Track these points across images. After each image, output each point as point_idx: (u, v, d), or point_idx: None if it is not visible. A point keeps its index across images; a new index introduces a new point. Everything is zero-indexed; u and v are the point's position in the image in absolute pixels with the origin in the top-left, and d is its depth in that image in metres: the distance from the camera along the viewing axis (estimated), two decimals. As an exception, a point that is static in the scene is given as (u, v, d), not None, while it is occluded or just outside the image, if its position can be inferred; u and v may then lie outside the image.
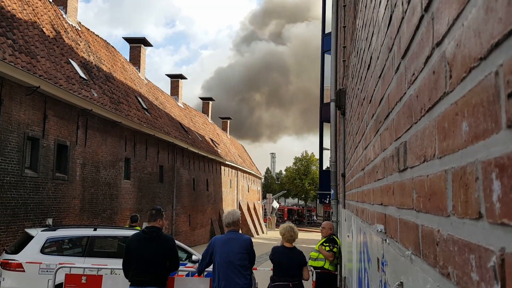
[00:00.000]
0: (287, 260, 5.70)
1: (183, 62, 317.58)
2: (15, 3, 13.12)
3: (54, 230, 8.66)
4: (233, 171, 37.89)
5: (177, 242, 6.61)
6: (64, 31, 16.24)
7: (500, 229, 0.57)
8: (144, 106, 21.34)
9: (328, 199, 18.14)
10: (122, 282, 5.77)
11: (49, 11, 15.76)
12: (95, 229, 8.82)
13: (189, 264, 8.09)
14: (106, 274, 6.76)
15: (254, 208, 43.29)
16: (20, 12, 13.15)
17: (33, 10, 14.31)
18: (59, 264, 7.07)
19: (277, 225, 47.64)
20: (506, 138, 0.56)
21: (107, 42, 21.89)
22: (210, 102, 39.98)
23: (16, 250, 8.09)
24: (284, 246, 5.84)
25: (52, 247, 8.27)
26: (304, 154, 70.64)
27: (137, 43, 25.21)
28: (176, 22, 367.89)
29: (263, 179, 62.42)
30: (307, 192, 67.29)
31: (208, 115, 38.75)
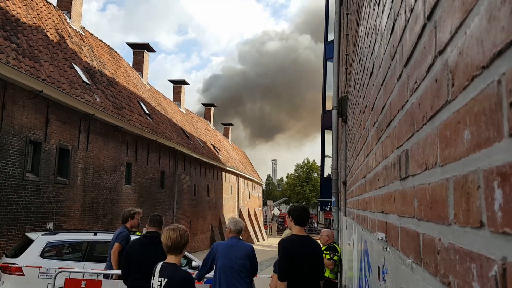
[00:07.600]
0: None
1: (193, 69, 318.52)
2: (19, 8, 13.20)
3: (55, 234, 8.66)
4: (234, 177, 37.85)
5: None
6: (68, 36, 16.32)
7: (501, 238, 0.57)
8: (146, 111, 21.38)
9: (329, 206, 18.08)
10: (121, 288, 5.74)
11: (53, 15, 15.85)
12: (95, 234, 8.81)
13: (189, 270, 8.06)
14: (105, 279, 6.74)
15: (255, 215, 43.19)
16: (25, 17, 13.23)
17: (38, 14, 14.39)
18: (59, 268, 7.06)
19: (278, 232, 47.54)
20: (508, 146, 0.56)
21: (111, 47, 21.99)
22: (212, 108, 40.04)
23: (16, 254, 8.09)
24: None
25: (52, 251, 8.26)
26: (306, 161, 70.63)
27: (140, 49, 25.30)
28: (188, 29, 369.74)
29: (264, 186, 62.33)
30: (308, 199, 67.13)
31: (210, 121, 38.80)
